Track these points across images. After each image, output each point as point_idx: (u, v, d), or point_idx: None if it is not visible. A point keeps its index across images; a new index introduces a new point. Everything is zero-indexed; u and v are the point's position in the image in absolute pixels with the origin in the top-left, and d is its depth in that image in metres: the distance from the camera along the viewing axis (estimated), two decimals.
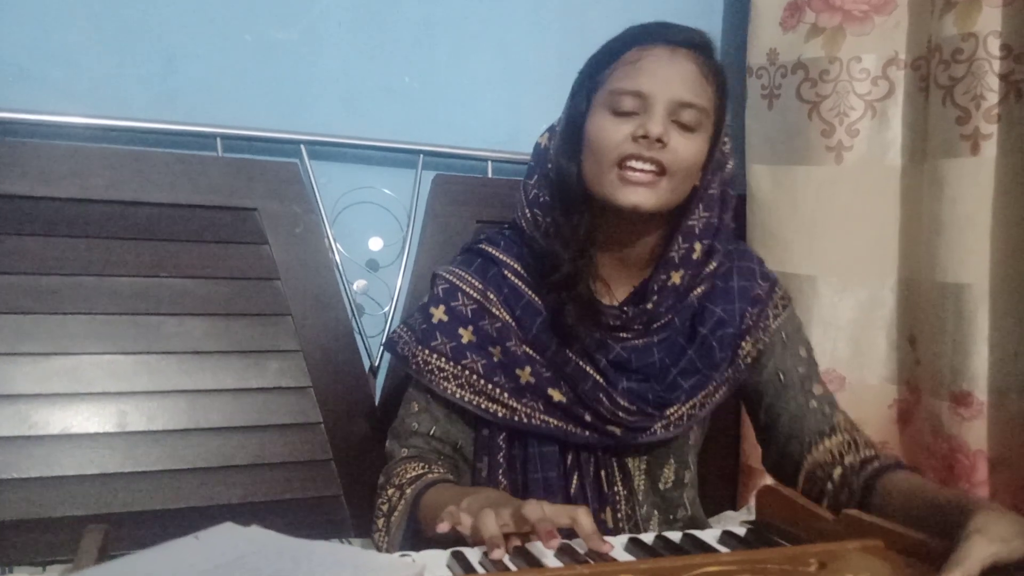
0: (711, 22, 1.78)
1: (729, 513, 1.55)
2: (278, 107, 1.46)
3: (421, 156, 1.52)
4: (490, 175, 1.57)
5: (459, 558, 0.78)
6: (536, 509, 0.78)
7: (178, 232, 1.35)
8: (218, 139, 1.40)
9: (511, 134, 1.60)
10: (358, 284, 1.50)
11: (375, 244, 1.51)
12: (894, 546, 0.77)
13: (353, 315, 1.47)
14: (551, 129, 1.10)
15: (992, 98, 1.29)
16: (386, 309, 1.51)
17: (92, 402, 1.27)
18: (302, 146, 1.44)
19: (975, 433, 1.33)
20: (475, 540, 0.78)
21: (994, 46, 1.29)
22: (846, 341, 1.54)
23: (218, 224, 1.37)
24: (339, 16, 1.50)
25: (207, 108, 1.42)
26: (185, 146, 1.40)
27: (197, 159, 1.37)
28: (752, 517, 0.96)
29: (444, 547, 0.80)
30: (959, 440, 1.34)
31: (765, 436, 1.11)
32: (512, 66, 1.62)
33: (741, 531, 0.88)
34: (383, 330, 1.50)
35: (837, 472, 1.00)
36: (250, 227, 1.38)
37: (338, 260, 1.46)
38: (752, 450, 1.61)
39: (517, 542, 0.79)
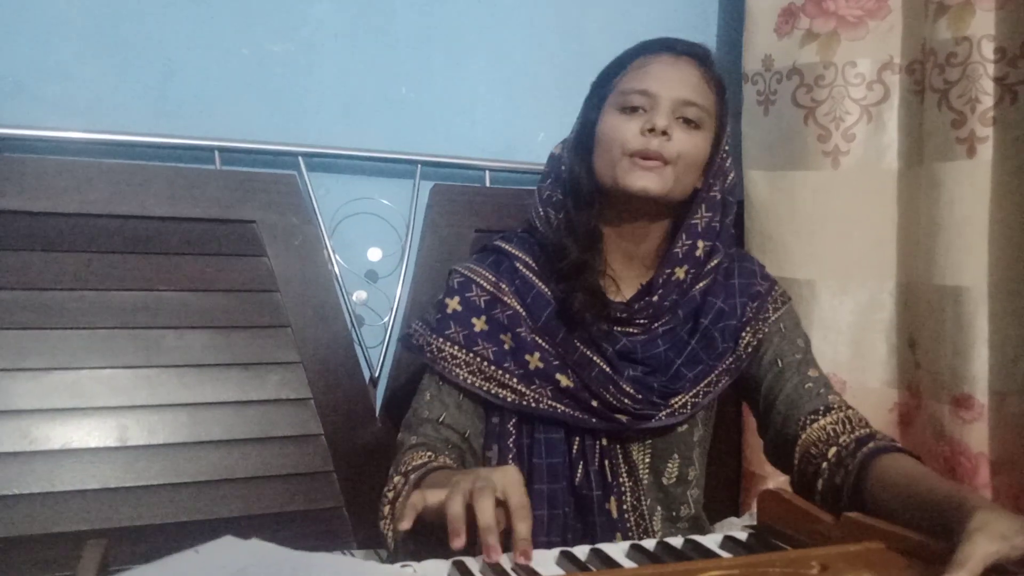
0: (706, 29, 1.78)
1: (732, 519, 1.55)
2: (276, 119, 1.47)
3: (419, 166, 1.52)
4: (488, 184, 1.57)
5: (460, 568, 0.77)
6: (482, 509, 0.77)
7: (177, 245, 1.35)
8: (216, 152, 1.40)
9: (509, 144, 1.61)
10: (357, 295, 1.50)
11: (374, 255, 1.51)
12: (895, 548, 0.76)
13: (353, 326, 1.47)
14: (564, 141, 1.16)
15: (987, 101, 1.30)
16: (386, 319, 1.51)
17: (92, 417, 1.27)
18: (300, 158, 1.45)
19: (976, 436, 1.32)
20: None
21: (988, 49, 1.30)
22: (846, 345, 1.54)
23: (217, 237, 1.37)
24: (336, 28, 1.51)
25: (205, 121, 1.42)
26: (183, 159, 1.41)
27: (195, 172, 1.38)
28: (754, 522, 0.95)
29: (444, 533, 0.79)
30: (961, 443, 1.34)
31: (764, 422, 1.13)
32: (509, 76, 1.63)
33: (743, 536, 0.88)
34: (383, 340, 1.50)
35: (832, 452, 1.01)
36: (249, 239, 1.39)
37: (337, 271, 1.46)
38: (754, 456, 1.61)
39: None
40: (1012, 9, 1.28)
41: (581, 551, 0.82)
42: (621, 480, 1.10)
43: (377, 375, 1.49)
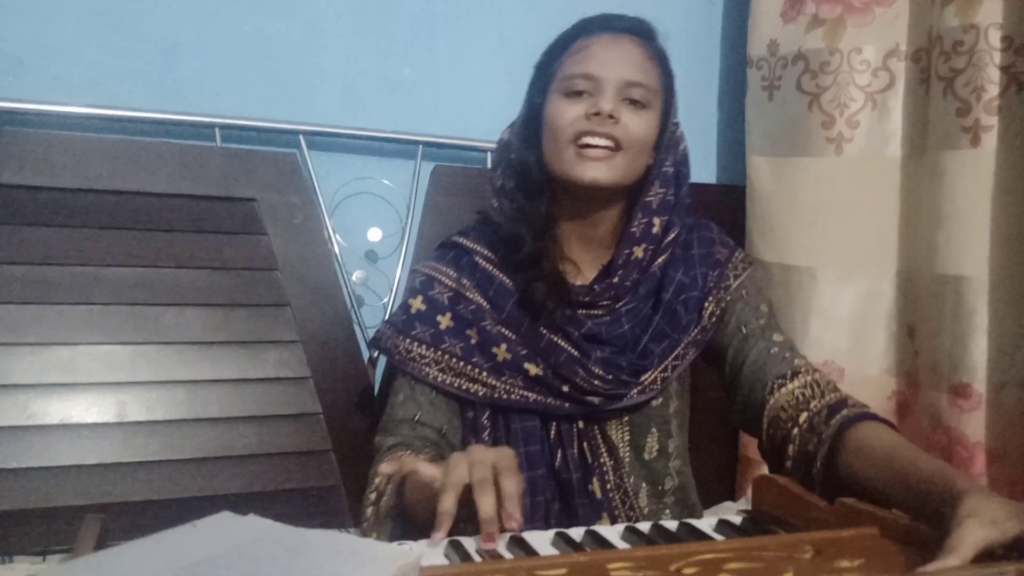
0: (711, 13, 1.77)
1: (728, 504, 1.56)
2: (277, 98, 1.46)
3: (420, 147, 1.51)
4: (489, 166, 1.57)
5: (456, 547, 0.78)
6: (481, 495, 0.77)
7: (177, 223, 1.35)
8: (217, 130, 1.40)
9: None
10: (357, 275, 1.50)
11: (374, 235, 1.51)
12: (888, 533, 0.77)
13: (352, 306, 1.47)
14: (512, 125, 1.16)
15: (993, 90, 1.29)
16: (385, 300, 1.51)
17: (91, 392, 1.27)
18: (301, 137, 1.44)
19: (974, 425, 1.33)
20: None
21: (995, 38, 1.29)
22: (845, 333, 1.54)
23: (217, 215, 1.37)
24: (339, 7, 1.50)
25: (206, 99, 1.42)
26: (184, 136, 1.40)
27: (196, 150, 1.37)
28: (749, 507, 0.96)
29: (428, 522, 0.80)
30: (958, 432, 1.34)
31: (731, 388, 1.12)
32: (512, 57, 1.61)
33: (737, 520, 0.88)
34: (382, 321, 1.49)
35: (803, 417, 1.00)
36: (249, 218, 1.38)
37: (337, 251, 1.46)
38: (750, 442, 1.62)
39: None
40: None
41: (576, 533, 0.82)
42: (602, 460, 1.10)
43: (376, 355, 1.49)
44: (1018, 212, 1.29)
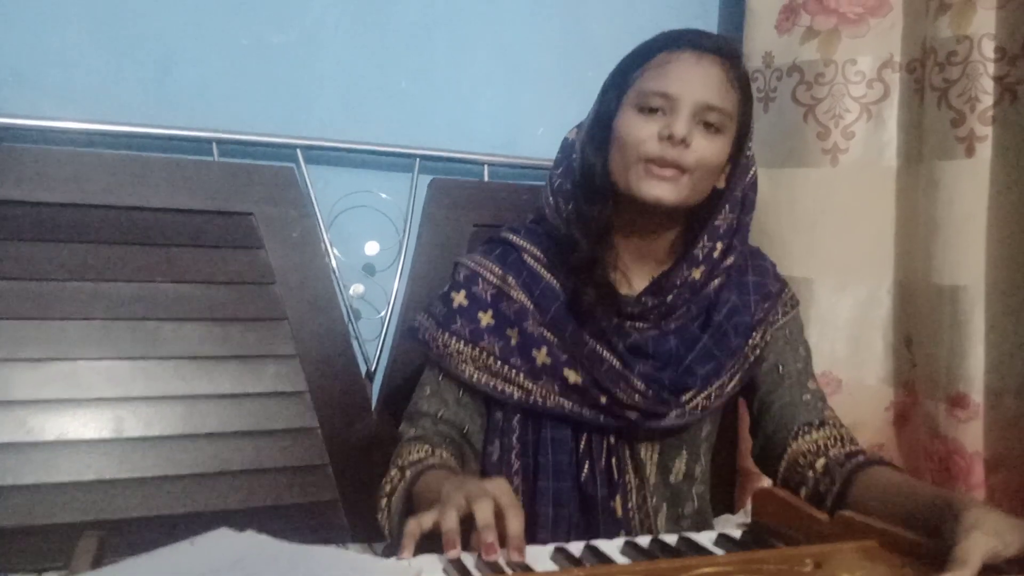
0: (707, 24, 1.78)
1: (727, 516, 1.55)
2: (274, 111, 1.47)
3: (418, 160, 1.52)
4: (486, 179, 1.57)
5: (455, 562, 0.77)
6: (482, 513, 0.77)
7: (175, 237, 1.35)
8: (214, 144, 1.40)
9: (508, 138, 1.60)
10: (355, 288, 1.50)
11: (371, 248, 1.51)
12: (889, 546, 0.77)
13: (350, 320, 1.47)
14: (579, 125, 1.13)
15: (987, 100, 1.30)
16: (383, 313, 1.51)
17: (88, 408, 1.27)
18: (298, 150, 1.45)
19: (971, 435, 1.33)
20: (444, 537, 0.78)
21: (988, 48, 1.29)
22: (843, 343, 1.54)
23: (214, 229, 1.37)
24: (336, 19, 1.50)
25: (203, 112, 1.42)
26: (182, 151, 1.40)
27: (193, 164, 1.37)
28: (749, 520, 0.96)
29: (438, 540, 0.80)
30: (956, 442, 1.34)
31: (756, 423, 1.13)
32: (510, 70, 1.62)
33: (737, 533, 0.88)
34: (380, 334, 1.49)
35: (820, 462, 1.02)
36: (246, 232, 1.38)
37: (334, 264, 1.46)
38: (748, 454, 1.61)
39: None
40: (1013, 9, 1.27)
41: (575, 547, 0.82)
42: (627, 478, 1.08)
43: (373, 369, 1.49)
44: (1013, 221, 1.29)
